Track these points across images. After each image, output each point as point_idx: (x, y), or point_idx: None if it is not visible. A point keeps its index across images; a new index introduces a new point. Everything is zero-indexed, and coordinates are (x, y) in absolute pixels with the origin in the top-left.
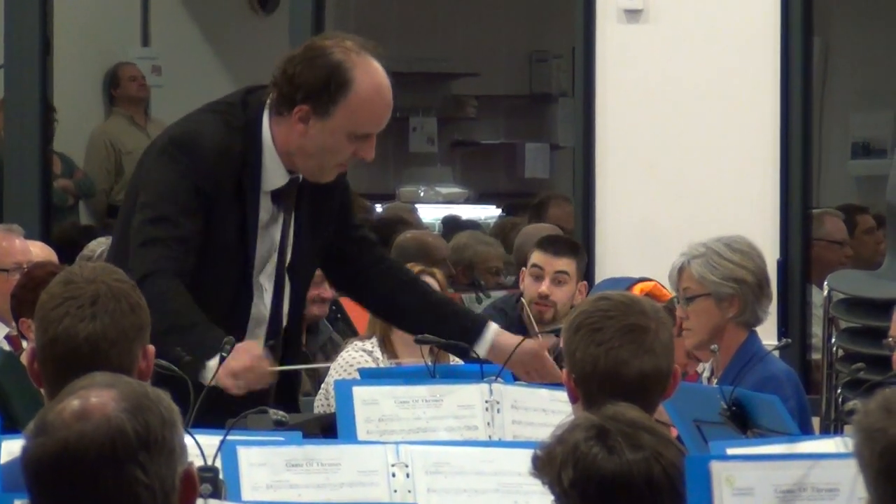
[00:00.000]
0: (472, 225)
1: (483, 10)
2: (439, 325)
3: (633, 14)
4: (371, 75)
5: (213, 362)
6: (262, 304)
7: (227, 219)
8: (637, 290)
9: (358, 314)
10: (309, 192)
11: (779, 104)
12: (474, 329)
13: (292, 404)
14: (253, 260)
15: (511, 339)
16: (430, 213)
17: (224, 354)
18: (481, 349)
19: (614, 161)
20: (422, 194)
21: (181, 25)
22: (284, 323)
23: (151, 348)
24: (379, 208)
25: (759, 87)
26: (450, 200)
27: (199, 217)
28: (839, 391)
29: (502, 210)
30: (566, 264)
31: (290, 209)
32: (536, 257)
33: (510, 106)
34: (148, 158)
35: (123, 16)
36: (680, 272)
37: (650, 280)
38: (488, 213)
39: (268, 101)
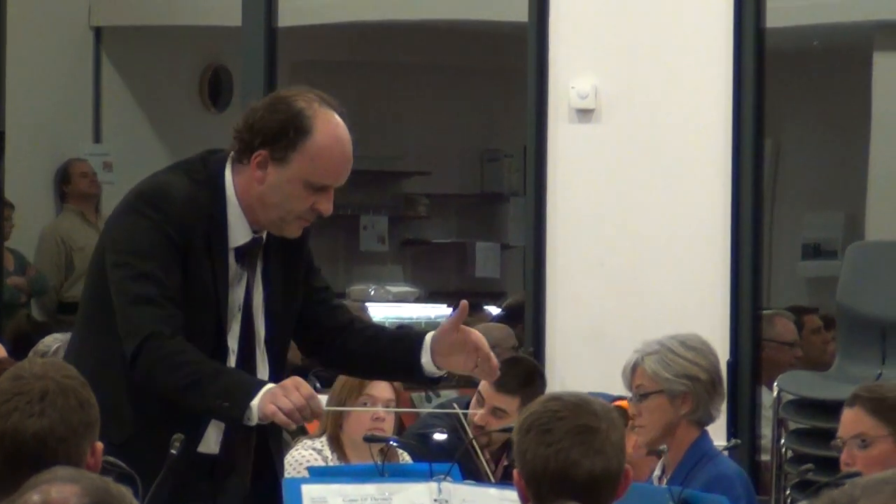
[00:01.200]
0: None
1: (435, 109)
2: (385, 354)
3: (584, 114)
4: (332, 126)
5: (256, 401)
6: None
7: (200, 275)
8: None
9: None
10: (279, 260)
11: (730, 205)
12: (415, 343)
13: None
14: (226, 318)
15: (439, 329)
16: (381, 312)
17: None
18: (426, 358)
19: (565, 260)
20: (372, 293)
21: (133, 122)
22: None
23: (100, 445)
24: None
25: (710, 188)
26: (400, 299)
27: (176, 272)
28: (788, 492)
29: (454, 309)
30: (506, 402)
31: (253, 269)
32: (483, 384)
33: (461, 205)
34: (115, 218)
35: (75, 112)
36: (633, 369)
37: (623, 398)
38: (438, 311)
39: (230, 156)
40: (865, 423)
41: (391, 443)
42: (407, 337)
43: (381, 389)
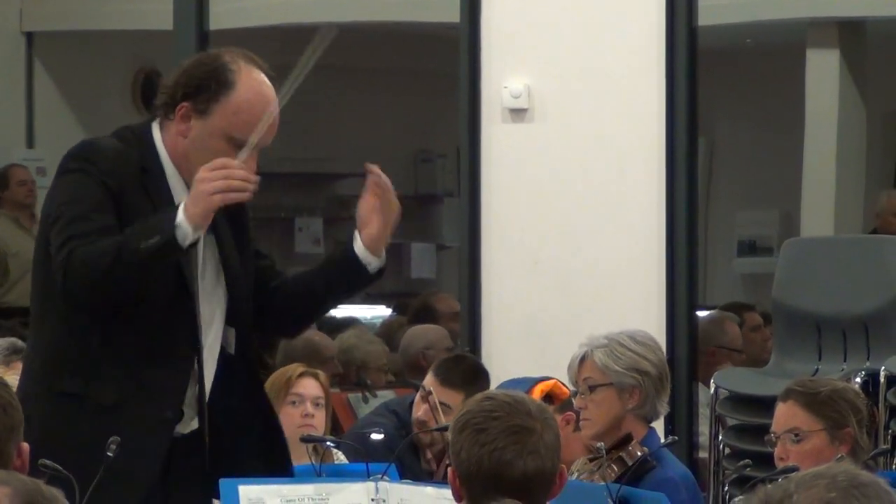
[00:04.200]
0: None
1: (367, 110)
2: (319, 270)
3: (517, 113)
4: (256, 82)
5: (180, 215)
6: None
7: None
8: (537, 389)
9: None
10: (224, 220)
11: (664, 203)
12: (347, 245)
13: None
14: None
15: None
16: None
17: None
18: (357, 245)
19: (500, 260)
20: None
21: (66, 126)
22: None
23: (26, 446)
24: None
25: (644, 187)
26: None
27: (110, 212)
28: (726, 488)
29: (393, 310)
30: (452, 397)
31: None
32: (428, 378)
33: None
34: (50, 188)
35: (8, 117)
36: (581, 361)
37: (550, 379)
38: (375, 312)
39: (156, 119)
40: (799, 418)
41: (327, 444)
42: (336, 249)
43: (309, 387)
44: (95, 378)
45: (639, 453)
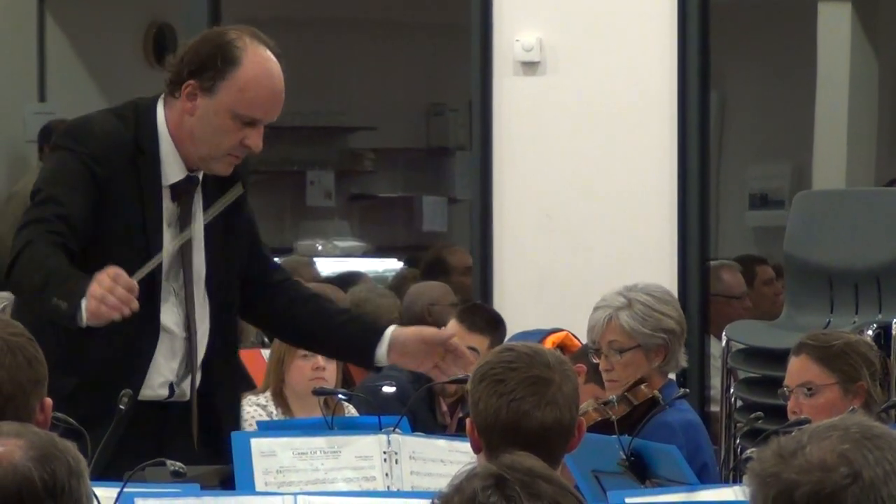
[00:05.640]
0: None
1: (379, 63)
2: (339, 331)
3: (529, 66)
4: (262, 59)
5: (85, 301)
6: (173, 311)
7: (128, 211)
8: (549, 341)
9: (256, 368)
10: (210, 197)
11: (676, 156)
12: (374, 331)
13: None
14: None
15: (409, 330)
16: (328, 267)
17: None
18: (381, 350)
19: (512, 213)
20: (319, 248)
21: (78, 80)
22: (204, 348)
23: (49, 401)
24: (277, 261)
25: (656, 139)
26: (348, 254)
27: (86, 195)
28: (738, 441)
29: (404, 263)
30: (478, 341)
31: (188, 208)
32: (451, 326)
33: (407, 159)
34: (44, 161)
35: (20, 71)
36: (607, 323)
37: (561, 330)
38: (386, 265)
39: (162, 95)
40: (812, 372)
41: (339, 396)
42: (366, 325)
43: None
44: (58, 366)
45: (649, 394)
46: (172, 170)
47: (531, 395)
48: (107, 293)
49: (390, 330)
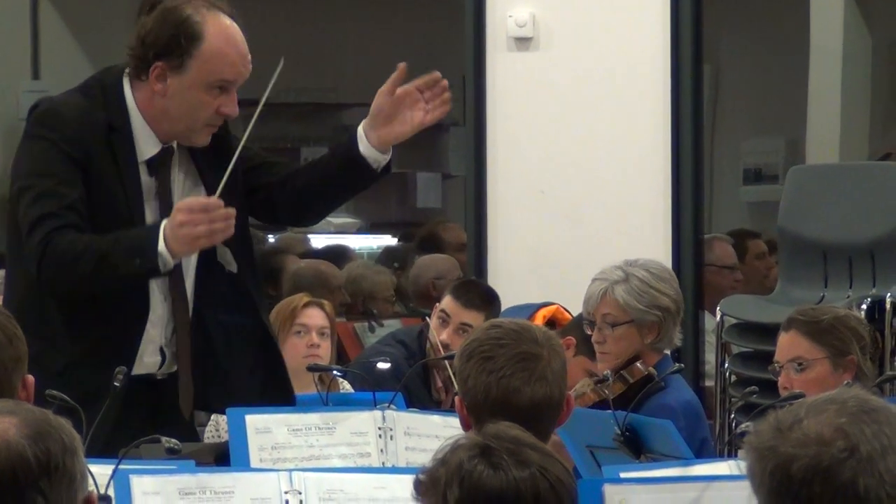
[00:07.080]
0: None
1: (371, 39)
2: (326, 166)
3: (522, 42)
4: (222, 27)
5: (161, 245)
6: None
7: (108, 191)
8: (540, 315)
9: None
10: (207, 163)
11: (670, 131)
12: (348, 140)
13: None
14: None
15: (371, 108)
16: (323, 243)
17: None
18: (363, 144)
19: (506, 189)
20: None
21: (71, 57)
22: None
23: (30, 378)
24: (271, 238)
25: (649, 114)
26: (342, 230)
27: (78, 185)
28: (732, 416)
29: (398, 239)
30: (473, 318)
31: (166, 180)
32: (446, 303)
33: None
34: (18, 148)
35: (14, 49)
36: (602, 297)
37: (553, 304)
38: (381, 242)
39: (126, 71)
40: (801, 347)
41: (333, 373)
42: (340, 144)
43: (315, 317)
44: (50, 343)
45: (644, 372)
46: (147, 144)
47: (521, 372)
48: (212, 217)
49: (359, 127)
